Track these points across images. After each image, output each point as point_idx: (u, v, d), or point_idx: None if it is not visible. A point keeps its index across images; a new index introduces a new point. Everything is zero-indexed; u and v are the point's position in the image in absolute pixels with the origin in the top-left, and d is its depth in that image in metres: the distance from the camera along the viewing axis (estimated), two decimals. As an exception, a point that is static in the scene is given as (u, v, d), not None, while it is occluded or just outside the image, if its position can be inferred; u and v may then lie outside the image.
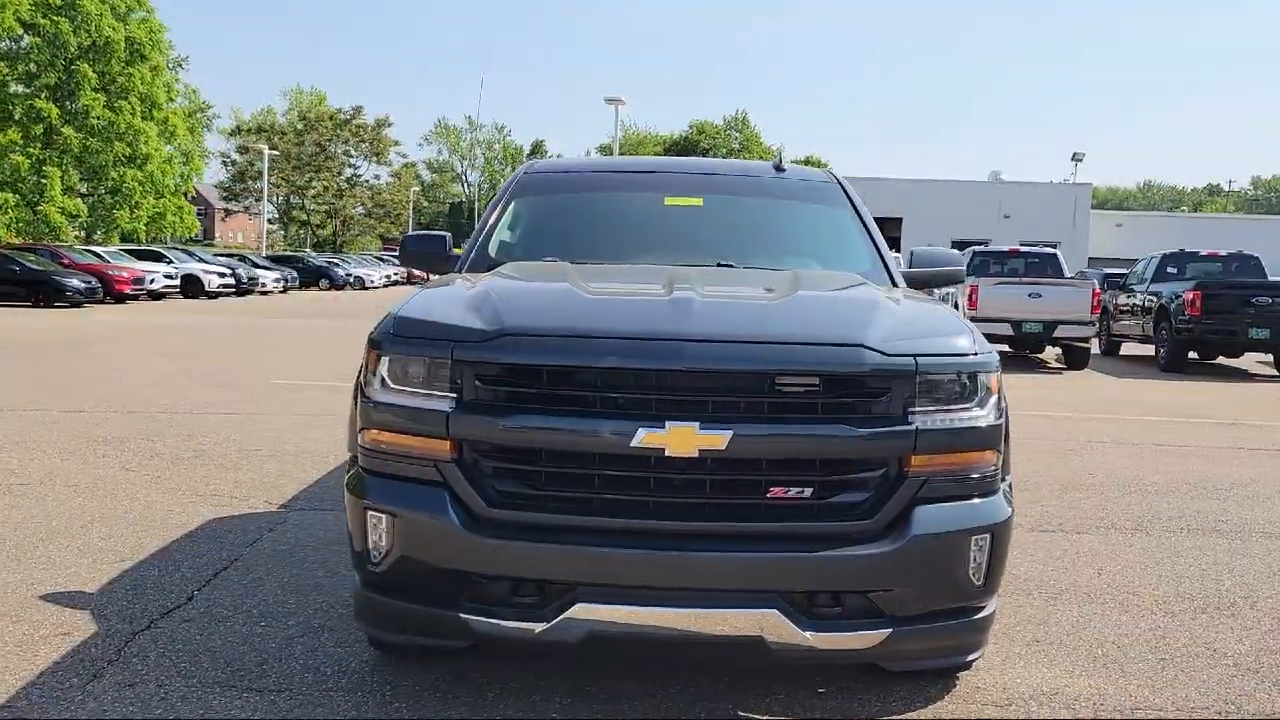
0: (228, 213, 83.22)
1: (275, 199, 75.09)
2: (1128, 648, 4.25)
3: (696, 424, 3.05)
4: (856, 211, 4.95)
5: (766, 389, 3.13)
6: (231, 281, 37.58)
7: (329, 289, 48.37)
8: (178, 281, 35.16)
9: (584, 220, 4.93)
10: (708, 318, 3.31)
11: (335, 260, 54.36)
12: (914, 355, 3.18)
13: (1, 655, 3.83)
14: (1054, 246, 22.40)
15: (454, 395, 3.19)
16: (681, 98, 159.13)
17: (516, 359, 3.16)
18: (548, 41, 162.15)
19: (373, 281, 52.58)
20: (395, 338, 3.32)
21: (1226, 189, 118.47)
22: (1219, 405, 13.02)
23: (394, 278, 56.62)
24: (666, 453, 3.06)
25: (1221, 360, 19.52)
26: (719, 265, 4.39)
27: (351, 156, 75.53)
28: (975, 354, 3.29)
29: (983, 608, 3.35)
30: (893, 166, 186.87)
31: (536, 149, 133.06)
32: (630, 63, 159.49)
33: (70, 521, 5.75)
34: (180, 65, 54.49)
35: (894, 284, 4.52)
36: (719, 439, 3.04)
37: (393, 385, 3.29)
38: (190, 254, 40.96)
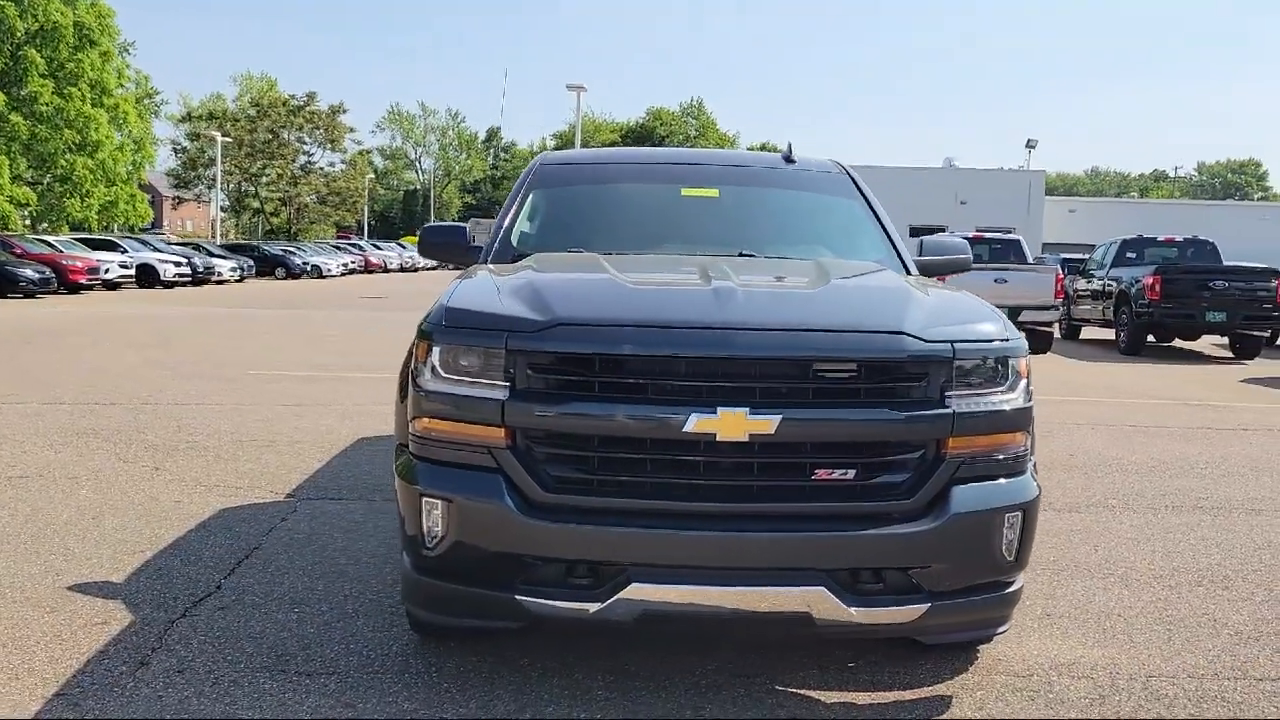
0: (178, 200, 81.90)
1: (227, 186, 73.98)
2: (1133, 620, 4.43)
3: (746, 409, 3.16)
4: (867, 201, 5.10)
5: (813, 375, 3.26)
6: (187, 271, 37.02)
7: (286, 278, 47.79)
8: (133, 271, 34.58)
9: (605, 212, 5.02)
10: (753, 307, 3.43)
11: (292, 249, 53.67)
12: (951, 341, 3.32)
13: (44, 645, 3.87)
14: (1008, 232, 22.74)
15: (508, 384, 3.27)
16: (637, 84, 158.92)
17: (571, 348, 3.25)
18: (502, 28, 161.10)
19: (330, 270, 51.98)
20: (447, 328, 3.39)
21: (1173, 175, 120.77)
22: (1181, 387, 13.39)
23: (351, 266, 56.04)
24: (718, 437, 3.17)
25: (1177, 343, 20.01)
26: (740, 255, 4.51)
27: (305, 143, 74.64)
28: (1007, 339, 3.44)
29: (1012, 582, 3.50)
30: (849, 154, 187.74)
31: (492, 136, 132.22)
32: (585, 50, 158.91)
33: (80, 513, 5.75)
34: (127, 50, 53.55)
35: (908, 272, 4.66)
36: (768, 424, 3.16)
37: (444, 375, 3.36)
38: (145, 243, 40.25)
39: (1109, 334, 19.88)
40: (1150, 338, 18.50)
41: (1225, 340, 18.88)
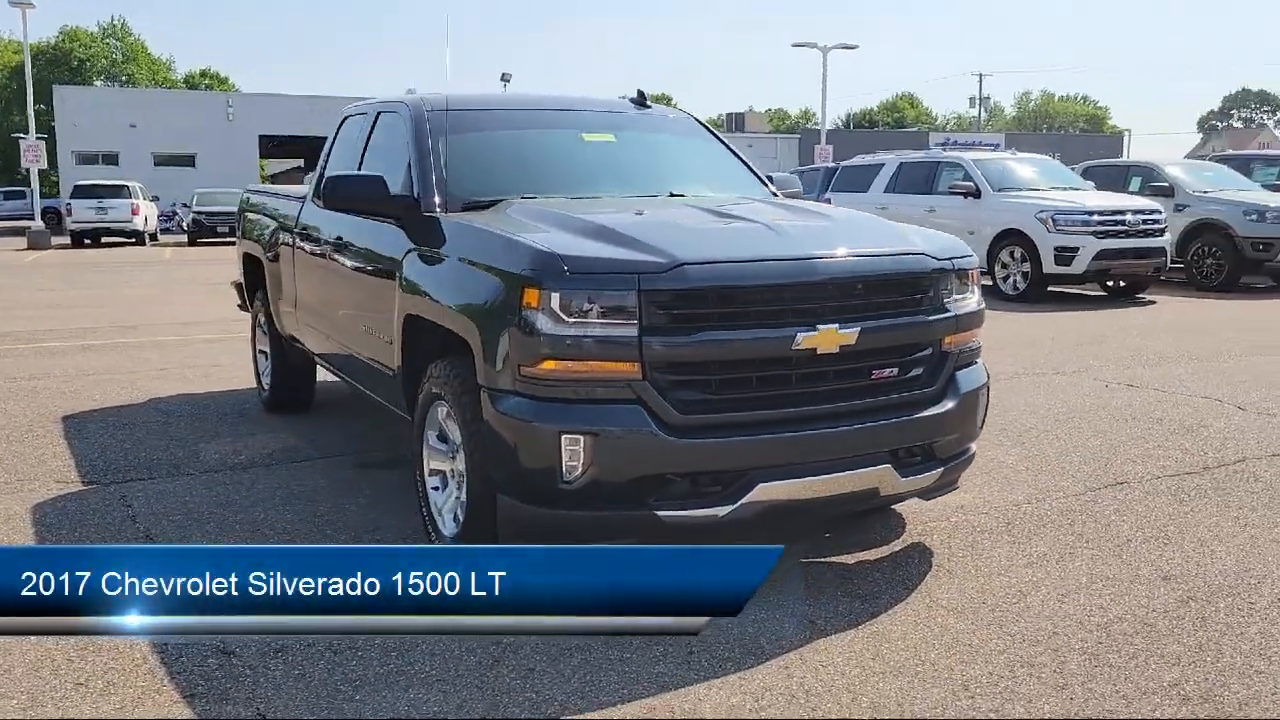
0: None
1: None
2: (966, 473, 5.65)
3: (837, 325, 3.78)
4: (723, 142, 5.75)
5: (874, 291, 3.95)
6: None
7: None
8: None
9: (530, 158, 5.08)
10: (810, 239, 4.03)
11: None
12: (950, 258, 4.18)
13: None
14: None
15: (637, 322, 3.57)
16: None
17: (696, 285, 3.63)
18: None
19: None
20: (569, 275, 3.57)
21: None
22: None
23: None
24: (817, 351, 3.76)
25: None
26: (671, 195, 4.96)
27: None
28: (970, 255, 4.36)
29: (972, 446, 4.48)
30: (301, 84, 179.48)
31: None
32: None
33: None
34: None
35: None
36: (852, 335, 3.81)
37: (568, 319, 3.55)
38: None
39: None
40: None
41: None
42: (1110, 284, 14.69)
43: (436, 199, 4.64)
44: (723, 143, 5.75)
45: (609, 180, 5.08)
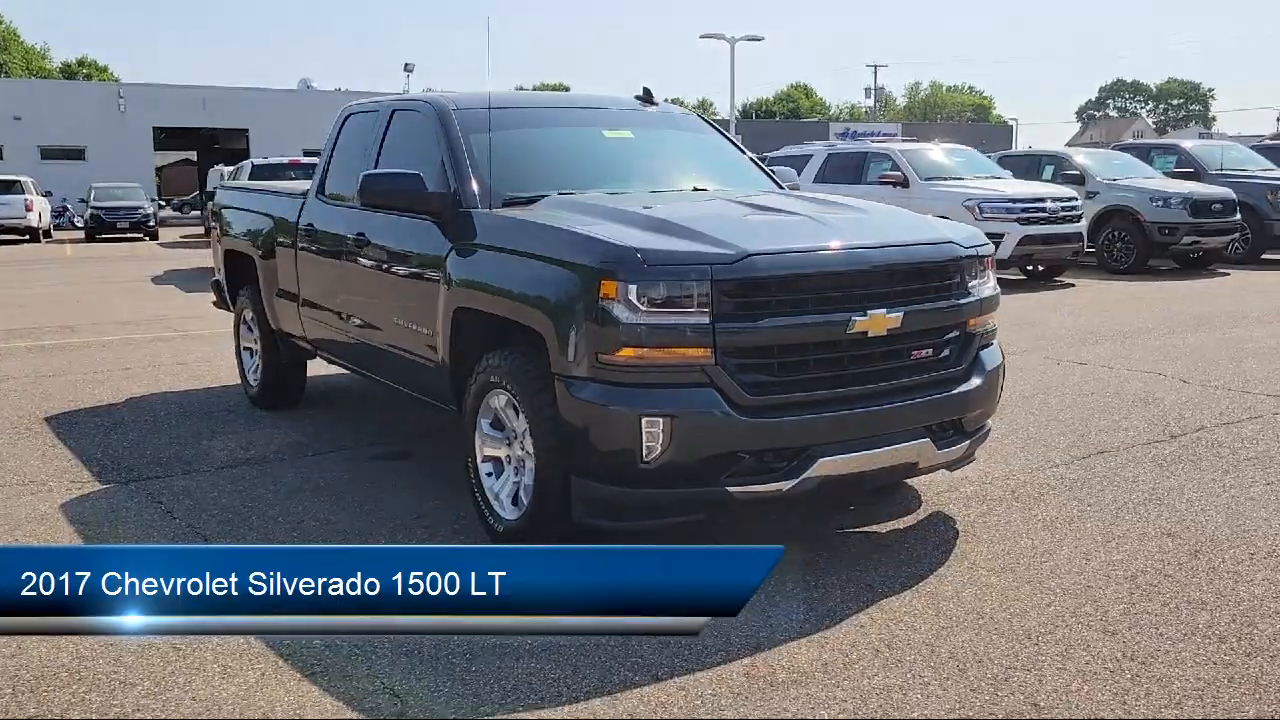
0: None
1: None
2: (948, 445, 6.03)
3: (885, 309, 4.08)
4: (727, 138, 6.00)
5: (914, 277, 4.25)
6: None
7: None
8: None
9: (560, 155, 5.24)
10: (853, 230, 4.32)
11: None
12: (973, 246, 4.51)
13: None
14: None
15: (708, 309, 3.81)
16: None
17: (762, 274, 3.88)
18: None
19: None
20: (649, 267, 3.78)
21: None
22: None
23: None
24: (868, 334, 4.05)
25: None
26: (694, 189, 5.20)
27: None
28: (986, 243, 4.70)
29: (990, 422, 4.82)
30: (184, 74, 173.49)
31: None
32: None
33: (-109, 541, 4.67)
34: None
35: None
36: (897, 319, 4.11)
37: (645, 308, 3.77)
38: None
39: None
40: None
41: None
42: (1030, 268, 15.40)
43: (478, 195, 4.79)
44: (728, 139, 6.00)
45: (633, 175, 5.28)
